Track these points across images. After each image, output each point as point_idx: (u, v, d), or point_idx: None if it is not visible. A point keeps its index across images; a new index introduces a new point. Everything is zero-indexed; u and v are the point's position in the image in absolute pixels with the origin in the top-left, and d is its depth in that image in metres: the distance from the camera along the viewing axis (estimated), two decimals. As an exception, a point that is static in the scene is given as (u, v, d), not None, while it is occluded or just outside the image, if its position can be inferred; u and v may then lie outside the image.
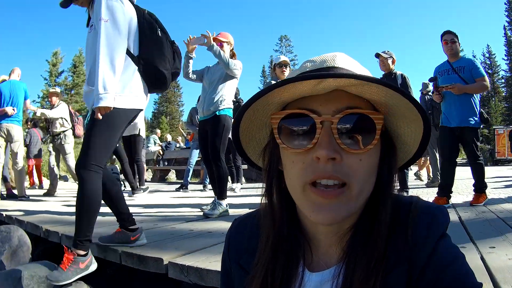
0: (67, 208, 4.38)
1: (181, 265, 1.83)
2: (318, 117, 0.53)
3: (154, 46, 2.20)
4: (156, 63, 2.18)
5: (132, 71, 2.14)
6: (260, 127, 0.64)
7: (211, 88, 3.69)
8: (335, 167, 0.51)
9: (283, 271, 0.59)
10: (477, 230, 2.45)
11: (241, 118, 0.60)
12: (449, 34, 3.91)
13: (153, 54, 2.19)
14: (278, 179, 0.61)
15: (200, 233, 2.71)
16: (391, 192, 0.57)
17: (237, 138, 0.65)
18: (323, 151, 0.50)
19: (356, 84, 0.51)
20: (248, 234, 0.67)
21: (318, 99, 0.54)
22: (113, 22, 2.03)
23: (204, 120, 3.75)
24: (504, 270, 1.53)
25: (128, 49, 2.10)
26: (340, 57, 0.58)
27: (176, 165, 11.79)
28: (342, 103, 0.53)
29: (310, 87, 0.52)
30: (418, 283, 0.51)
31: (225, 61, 3.51)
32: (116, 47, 2.02)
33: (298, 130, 0.55)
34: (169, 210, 4.19)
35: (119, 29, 2.04)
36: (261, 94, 0.55)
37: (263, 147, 0.65)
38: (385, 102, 0.54)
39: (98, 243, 2.36)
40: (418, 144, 0.60)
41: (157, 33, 2.22)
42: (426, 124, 0.56)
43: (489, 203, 3.84)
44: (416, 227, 0.53)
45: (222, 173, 3.61)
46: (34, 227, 3.19)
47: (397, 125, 0.59)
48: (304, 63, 0.60)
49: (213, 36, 3.55)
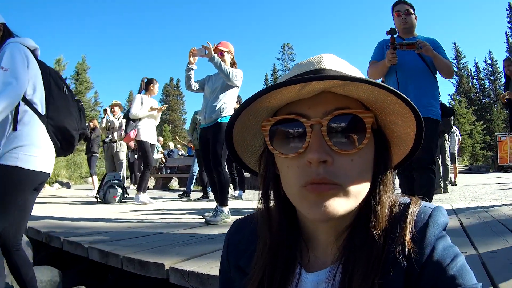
0: (69, 214, 4.38)
1: (183, 270, 1.83)
2: (307, 121, 0.53)
3: (62, 105, 2.01)
4: (65, 123, 2.00)
5: (39, 130, 1.90)
6: (254, 135, 0.64)
7: (212, 96, 3.71)
8: (327, 170, 0.51)
9: (281, 273, 0.59)
10: (478, 235, 2.44)
11: (232, 126, 0.60)
12: (403, 4, 3.01)
13: (61, 113, 1.99)
14: (275, 184, 0.61)
15: (202, 239, 2.71)
16: (389, 191, 0.57)
17: (231, 145, 0.65)
18: (314, 155, 0.50)
19: (341, 84, 0.51)
20: (247, 236, 0.68)
21: (306, 102, 0.54)
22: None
23: (205, 127, 3.76)
24: (505, 274, 1.53)
25: (35, 107, 1.91)
26: (327, 58, 0.58)
27: (179, 172, 11.78)
28: (330, 105, 0.53)
29: (295, 91, 0.52)
30: (417, 283, 0.51)
31: (226, 73, 3.53)
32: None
33: (289, 135, 0.55)
34: (171, 217, 4.19)
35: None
36: (248, 103, 0.54)
37: (260, 154, 0.65)
38: (374, 99, 0.54)
39: (99, 248, 2.37)
40: (413, 139, 0.60)
41: (64, 90, 2.04)
42: (417, 117, 0.56)
43: (490, 209, 3.82)
44: (415, 227, 0.53)
45: (223, 180, 3.61)
46: (36, 233, 3.19)
47: (391, 121, 0.58)
48: (292, 69, 0.60)
49: (213, 46, 3.59)
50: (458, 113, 33.01)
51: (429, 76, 2.92)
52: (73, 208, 5.39)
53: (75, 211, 4.86)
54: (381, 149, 0.58)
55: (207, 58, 3.55)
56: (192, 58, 3.73)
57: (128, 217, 4.18)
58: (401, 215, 0.55)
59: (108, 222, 3.77)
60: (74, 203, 6.30)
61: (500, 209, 3.90)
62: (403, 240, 0.52)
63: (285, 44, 53.07)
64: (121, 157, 7.18)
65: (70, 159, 16.75)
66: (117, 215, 4.35)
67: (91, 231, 3.13)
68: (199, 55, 3.66)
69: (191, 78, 3.82)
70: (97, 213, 4.61)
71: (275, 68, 52.91)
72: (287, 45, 52.87)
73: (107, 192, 6.08)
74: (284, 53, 52.58)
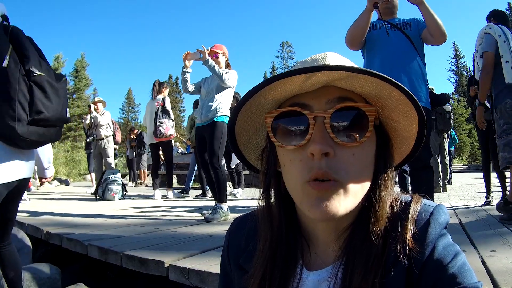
0: (68, 211, 4.39)
1: (182, 267, 1.83)
2: (310, 113, 0.53)
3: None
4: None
5: None
6: (257, 129, 0.64)
7: (208, 97, 3.80)
8: (329, 163, 0.51)
9: (281, 271, 0.59)
10: (477, 234, 2.45)
11: (235, 117, 0.60)
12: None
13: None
14: (276, 180, 0.61)
15: (201, 237, 2.71)
16: (390, 189, 0.57)
17: (233, 139, 0.65)
18: (316, 146, 0.50)
19: (345, 77, 0.51)
20: (247, 234, 0.67)
21: (310, 95, 0.54)
22: None
23: (201, 126, 3.83)
24: (505, 272, 1.54)
25: None
26: (331, 55, 0.58)
27: (178, 170, 11.78)
28: (334, 98, 0.53)
29: (299, 83, 0.52)
30: (418, 282, 0.50)
31: (219, 75, 3.62)
32: None
33: (292, 127, 0.55)
34: (170, 214, 4.20)
35: None
36: (252, 93, 0.55)
37: (261, 150, 0.65)
38: (377, 94, 0.54)
39: (99, 246, 2.37)
40: (415, 137, 0.60)
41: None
42: (420, 115, 0.55)
43: (489, 207, 3.83)
44: (416, 225, 0.53)
45: (221, 177, 3.66)
46: (35, 230, 3.19)
47: (392, 118, 0.59)
48: (297, 63, 0.60)
49: (208, 50, 3.67)
50: (457, 112, 33.06)
51: (416, 58, 2.64)
52: (72, 205, 5.39)
53: (74, 208, 4.86)
54: (382, 147, 0.58)
55: (201, 61, 3.63)
56: (187, 62, 3.83)
57: (127, 214, 4.18)
58: (402, 213, 0.55)
59: (107, 219, 3.77)
60: (73, 200, 6.31)
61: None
62: (404, 239, 0.52)
63: (284, 42, 53.10)
64: (109, 154, 7.15)
65: (68, 156, 16.77)
66: (116, 213, 4.35)
67: (90, 228, 3.14)
68: (194, 58, 3.76)
69: (187, 81, 3.91)
70: (96, 210, 4.61)
71: (274, 66, 52.87)
72: (286, 43, 52.88)
73: (106, 189, 6.09)
74: (283, 51, 52.57)
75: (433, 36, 2.57)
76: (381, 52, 2.65)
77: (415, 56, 2.63)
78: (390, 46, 2.62)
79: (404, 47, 2.62)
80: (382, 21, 2.67)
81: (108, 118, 7.28)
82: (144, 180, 11.56)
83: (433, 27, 2.52)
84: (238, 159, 0.68)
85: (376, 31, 2.71)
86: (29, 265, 2.49)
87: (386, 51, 2.63)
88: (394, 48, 2.61)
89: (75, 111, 32.77)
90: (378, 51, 2.67)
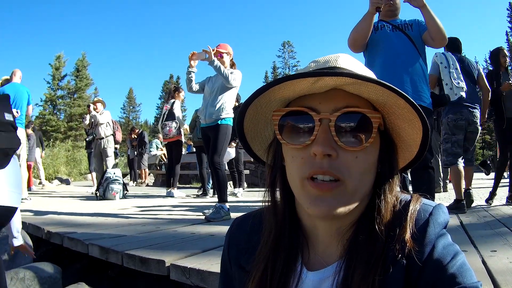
0: (69, 210, 4.39)
1: (183, 267, 1.83)
2: (316, 115, 0.54)
3: None
4: None
5: None
6: (265, 123, 0.66)
7: (211, 97, 3.82)
8: (331, 163, 0.52)
9: (282, 266, 0.60)
10: (478, 234, 2.44)
11: (245, 111, 0.62)
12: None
13: None
14: (282, 174, 0.62)
15: (202, 236, 2.71)
16: (393, 190, 0.58)
17: (241, 131, 0.66)
18: (319, 147, 0.52)
19: (353, 83, 0.52)
20: (248, 233, 0.68)
21: (318, 97, 0.55)
22: None
23: (206, 126, 3.86)
24: (505, 273, 1.53)
25: None
26: (343, 57, 0.59)
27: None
28: (341, 102, 0.54)
29: (308, 85, 0.53)
30: (417, 281, 0.51)
31: (225, 76, 3.64)
32: None
33: (298, 127, 0.56)
34: (171, 214, 4.20)
35: None
36: (261, 92, 0.57)
37: (269, 144, 0.67)
38: (383, 101, 0.55)
39: (100, 245, 2.37)
40: (418, 145, 0.60)
41: None
42: (424, 124, 0.56)
43: (490, 208, 3.83)
44: (415, 225, 0.54)
45: (221, 176, 3.69)
46: (36, 229, 3.20)
47: (398, 125, 0.59)
48: (309, 63, 0.61)
49: (214, 50, 3.68)
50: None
51: (418, 59, 2.65)
52: (73, 204, 5.40)
53: (75, 207, 4.86)
54: (387, 151, 0.59)
55: (207, 61, 3.64)
56: (193, 62, 3.85)
57: (128, 214, 4.18)
58: (402, 212, 0.56)
59: (108, 218, 3.77)
60: (74, 199, 6.31)
61: (500, 208, 3.92)
62: (403, 238, 0.52)
63: (286, 41, 53.16)
64: (109, 153, 7.12)
65: (69, 155, 16.77)
66: (117, 212, 4.36)
67: (91, 227, 3.14)
68: (200, 58, 3.77)
69: (192, 81, 3.94)
70: (97, 209, 4.61)
71: (275, 66, 52.94)
72: (288, 43, 52.87)
73: (107, 189, 6.09)
74: (284, 50, 52.59)
75: (434, 39, 2.61)
76: (383, 53, 2.66)
77: (417, 57, 2.64)
78: (392, 47, 2.63)
79: (406, 48, 2.64)
80: (384, 22, 2.70)
81: (108, 117, 7.29)
82: (145, 179, 11.57)
83: (435, 31, 2.55)
84: (243, 148, 0.70)
85: (378, 32, 2.72)
86: (30, 264, 2.49)
87: (388, 52, 2.63)
88: (396, 49, 2.62)
89: (76, 111, 32.80)
90: (380, 52, 2.68)
